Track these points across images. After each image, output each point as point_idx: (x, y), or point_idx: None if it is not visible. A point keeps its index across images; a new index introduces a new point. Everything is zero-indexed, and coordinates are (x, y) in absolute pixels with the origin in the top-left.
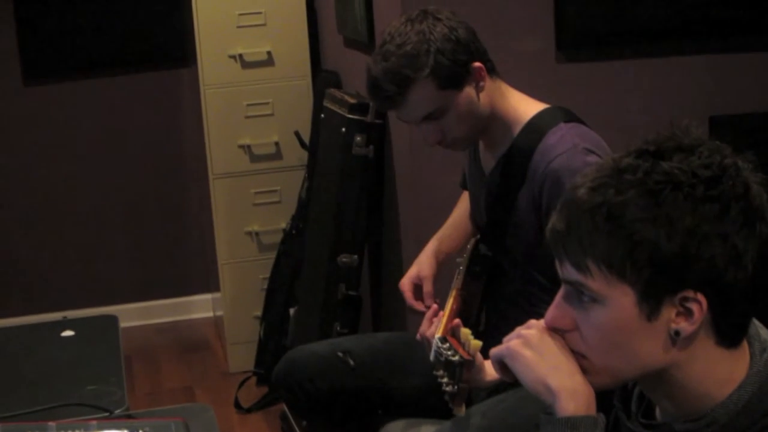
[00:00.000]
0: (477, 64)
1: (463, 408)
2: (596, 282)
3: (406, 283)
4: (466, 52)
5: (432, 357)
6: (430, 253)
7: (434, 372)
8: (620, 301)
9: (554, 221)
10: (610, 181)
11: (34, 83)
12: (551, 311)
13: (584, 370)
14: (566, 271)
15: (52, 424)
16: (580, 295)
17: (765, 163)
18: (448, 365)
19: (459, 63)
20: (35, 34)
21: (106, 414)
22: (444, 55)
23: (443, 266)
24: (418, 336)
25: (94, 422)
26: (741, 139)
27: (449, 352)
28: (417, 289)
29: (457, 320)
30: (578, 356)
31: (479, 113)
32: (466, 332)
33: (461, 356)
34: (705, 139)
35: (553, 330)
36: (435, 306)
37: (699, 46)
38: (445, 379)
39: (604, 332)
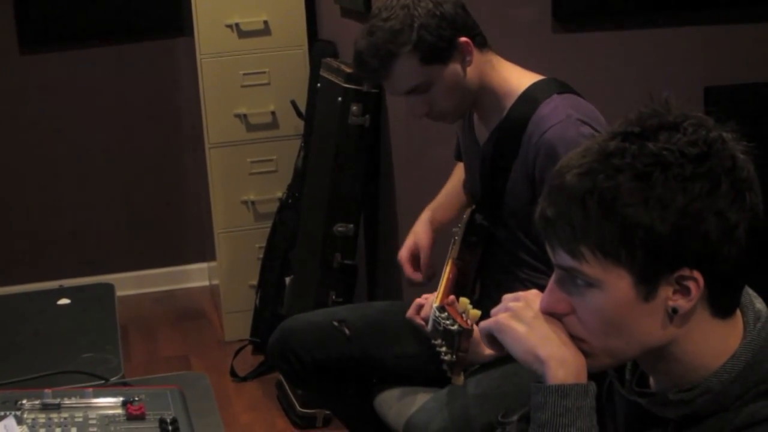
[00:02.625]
0: (463, 39)
1: (462, 377)
2: (591, 267)
3: (404, 255)
4: (452, 27)
5: (430, 326)
6: (425, 222)
7: (432, 341)
8: (616, 284)
9: (543, 207)
10: (598, 166)
11: (31, 52)
12: (546, 296)
13: (584, 354)
14: (559, 257)
15: (48, 391)
16: (574, 280)
17: (760, 133)
18: (447, 334)
19: (443, 38)
20: (32, 3)
21: (102, 382)
22: (428, 30)
23: (439, 235)
24: (407, 315)
25: (90, 390)
26: (736, 109)
27: (448, 322)
28: (415, 260)
29: (451, 297)
30: (577, 340)
31: (466, 87)
32: (464, 301)
33: (460, 325)
34: (686, 112)
35: (549, 315)
36: (426, 295)
37: (694, 16)
38: (444, 349)
39: (602, 316)
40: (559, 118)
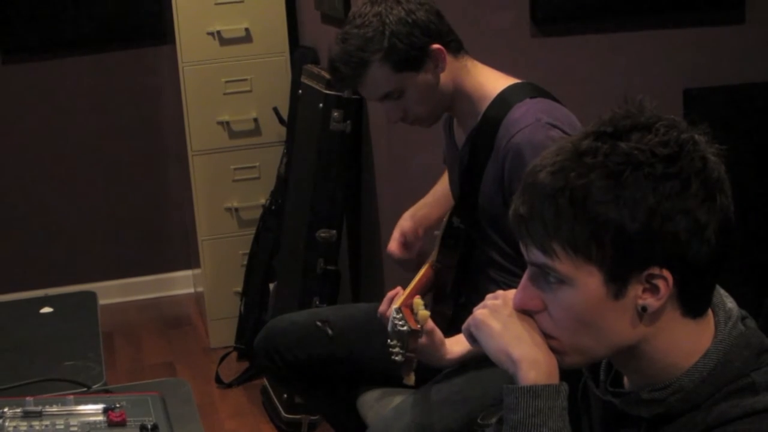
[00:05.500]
0: (436, 46)
1: (413, 376)
2: (563, 264)
3: (393, 246)
4: (424, 34)
5: (389, 327)
6: (406, 216)
7: (389, 342)
8: (587, 281)
9: (516, 205)
10: (570, 165)
11: (13, 61)
12: (519, 293)
13: (555, 351)
14: (532, 254)
15: (29, 398)
16: (546, 277)
17: (739, 134)
18: (401, 335)
19: (415, 46)
20: (14, 12)
21: (84, 389)
22: (398, 38)
23: (423, 230)
24: (379, 311)
25: (72, 397)
26: (714, 111)
27: (400, 323)
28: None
29: (417, 297)
30: (548, 338)
31: (440, 93)
32: (417, 302)
33: (409, 326)
34: (660, 114)
35: (522, 312)
36: (397, 288)
37: (673, 19)
38: (396, 349)
39: (573, 313)
40: (528, 122)
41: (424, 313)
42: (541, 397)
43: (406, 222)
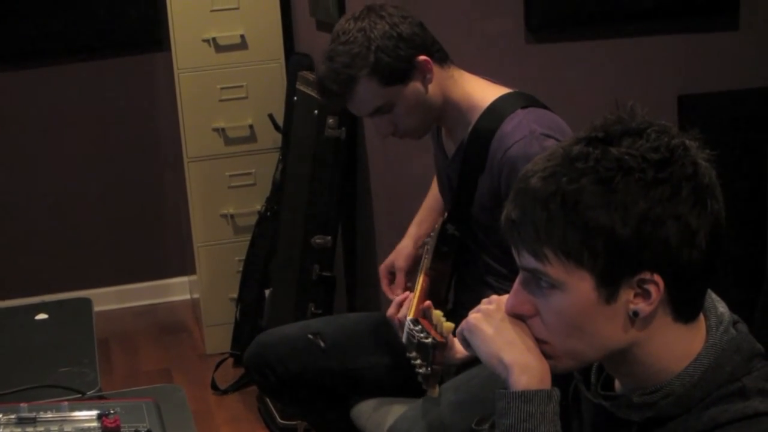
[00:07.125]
0: (422, 57)
1: (437, 389)
2: (554, 269)
3: (383, 270)
4: (410, 46)
5: (404, 339)
6: (409, 241)
7: (407, 354)
8: (578, 286)
9: (508, 210)
10: (561, 170)
11: (6, 69)
12: (511, 298)
13: (547, 355)
14: (523, 259)
15: (24, 405)
16: (538, 282)
17: (733, 141)
18: (421, 347)
19: (401, 59)
20: (6, 19)
21: (79, 395)
22: (385, 52)
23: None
24: (387, 314)
25: (66, 403)
26: (709, 117)
27: (422, 335)
28: (392, 276)
29: (428, 302)
30: (540, 342)
31: (430, 104)
32: (438, 314)
33: (434, 338)
34: (651, 120)
35: (514, 316)
36: (406, 293)
37: (667, 25)
38: (418, 361)
39: (564, 317)
40: (522, 134)
41: (449, 324)
42: (532, 402)
43: (402, 255)
